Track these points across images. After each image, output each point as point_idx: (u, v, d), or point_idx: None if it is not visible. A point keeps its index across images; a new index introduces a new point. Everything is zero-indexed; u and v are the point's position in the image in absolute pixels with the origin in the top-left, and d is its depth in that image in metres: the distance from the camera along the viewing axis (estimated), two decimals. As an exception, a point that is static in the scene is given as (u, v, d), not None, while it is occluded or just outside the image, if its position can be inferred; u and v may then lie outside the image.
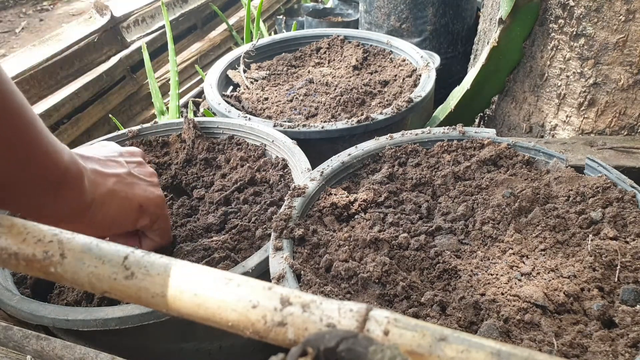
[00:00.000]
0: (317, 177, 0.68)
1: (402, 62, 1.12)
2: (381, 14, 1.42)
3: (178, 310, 0.30)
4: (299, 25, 1.78)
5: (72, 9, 3.48)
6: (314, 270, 0.56)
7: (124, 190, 0.57)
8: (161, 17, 1.49)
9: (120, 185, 0.56)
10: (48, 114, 1.16)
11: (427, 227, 0.61)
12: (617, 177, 0.62)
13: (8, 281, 0.64)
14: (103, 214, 0.54)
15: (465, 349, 0.24)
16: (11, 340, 0.52)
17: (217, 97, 1.01)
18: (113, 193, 0.55)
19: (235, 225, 0.70)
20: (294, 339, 0.26)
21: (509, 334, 0.48)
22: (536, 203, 0.62)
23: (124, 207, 0.57)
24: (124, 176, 0.58)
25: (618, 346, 0.46)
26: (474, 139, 0.74)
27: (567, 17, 0.83)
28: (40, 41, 1.22)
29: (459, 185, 0.67)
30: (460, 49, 1.44)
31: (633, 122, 0.83)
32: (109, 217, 0.55)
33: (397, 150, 0.74)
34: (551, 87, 0.90)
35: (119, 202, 0.56)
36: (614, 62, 0.81)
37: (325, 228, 0.63)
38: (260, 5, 1.59)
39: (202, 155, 0.85)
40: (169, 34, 1.31)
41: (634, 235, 0.56)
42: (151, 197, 0.60)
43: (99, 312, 0.56)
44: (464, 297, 0.52)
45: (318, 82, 1.08)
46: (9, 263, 0.33)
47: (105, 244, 0.33)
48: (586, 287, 0.52)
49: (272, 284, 0.28)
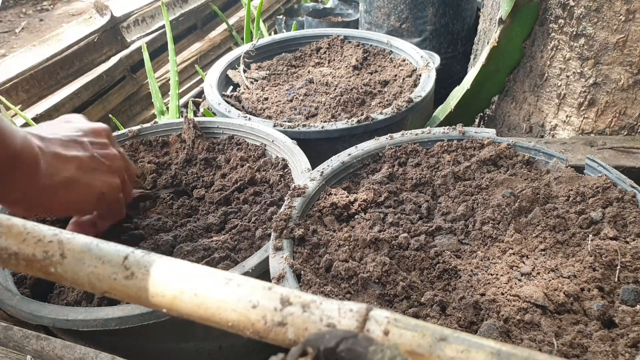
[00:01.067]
0: (317, 177, 0.68)
1: (402, 62, 1.12)
2: (381, 14, 1.42)
3: (178, 310, 0.30)
4: (299, 25, 1.78)
5: (72, 9, 3.48)
6: (314, 270, 0.56)
7: (84, 177, 0.55)
8: (161, 17, 1.49)
9: (80, 172, 0.54)
10: (48, 114, 1.16)
11: (427, 227, 0.61)
12: (617, 177, 0.62)
13: (8, 281, 0.64)
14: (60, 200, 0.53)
15: (465, 349, 0.24)
16: (11, 340, 0.52)
17: (217, 97, 1.01)
18: (73, 180, 0.53)
19: (235, 225, 0.70)
20: (294, 339, 0.26)
21: (509, 334, 0.48)
22: (536, 203, 0.62)
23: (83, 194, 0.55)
24: (86, 161, 0.56)
25: (618, 346, 0.46)
26: (474, 139, 0.74)
27: (567, 17, 0.83)
28: (40, 41, 1.22)
29: (459, 185, 0.67)
30: (460, 49, 1.44)
31: (633, 122, 0.83)
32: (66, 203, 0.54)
33: (397, 150, 0.74)
34: (551, 87, 0.90)
35: (78, 190, 0.54)
36: (614, 62, 0.81)
37: (325, 228, 0.63)
38: (260, 5, 1.59)
39: (202, 155, 0.85)
40: (169, 34, 1.31)
41: (634, 235, 0.56)
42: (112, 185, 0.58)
43: (99, 312, 0.56)
44: (464, 297, 0.52)
45: (318, 82, 1.08)
46: (9, 263, 0.33)
47: (106, 244, 0.33)
48: (586, 287, 0.52)
49: (272, 284, 0.28)
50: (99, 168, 0.57)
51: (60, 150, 0.53)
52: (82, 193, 0.55)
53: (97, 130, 0.60)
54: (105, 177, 0.58)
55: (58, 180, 0.52)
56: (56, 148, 0.53)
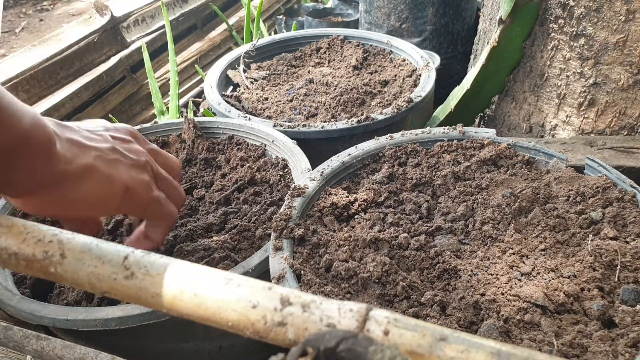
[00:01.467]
0: (317, 177, 0.68)
1: (402, 62, 1.12)
2: (381, 14, 1.42)
3: (178, 310, 0.30)
4: (299, 25, 1.78)
5: (72, 9, 3.48)
6: (314, 270, 0.56)
7: (106, 168, 0.49)
8: (161, 17, 1.49)
9: (101, 162, 0.49)
10: (48, 114, 1.16)
11: (427, 227, 0.61)
12: (617, 177, 0.62)
13: (8, 281, 0.64)
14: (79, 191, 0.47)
15: (465, 349, 0.24)
16: (11, 340, 0.52)
17: (217, 97, 1.01)
18: (93, 169, 0.48)
19: (235, 225, 0.70)
20: (294, 339, 0.26)
21: (509, 334, 0.48)
22: (536, 203, 0.62)
23: (105, 187, 0.49)
24: (106, 151, 0.50)
25: (618, 346, 0.46)
26: (474, 139, 0.74)
27: (567, 17, 0.83)
28: (40, 41, 1.22)
29: (459, 185, 0.67)
30: (460, 49, 1.44)
31: (633, 122, 0.83)
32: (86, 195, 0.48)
33: (397, 150, 0.74)
34: (551, 87, 0.90)
35: (99, 181, 0.48)
36: (614, 62, 0.81)
37: (325, 228, 0.63)
38: (260, 5, 1.59)
39: (202, 155, 0.85)
40: (169, 34, 1.31)
41: (634, 235, 0.56)
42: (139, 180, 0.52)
43: (99, 312, 0.56)
44: (464, 297, 0.52)
45: (318, 82, 1.08)
46: (9, 263, 0.33)
47: (106, 244, 0.33)
48: (586, 287, 0.52)
49: (272, 284, 0.28)
50: (122, 161, 0.52)
51: (77, 137, 0.48)
52: (104, 185, 0.49)
53: (119, 128, 0.56)
54: (131, 172, 0.52)
55: (76, 168, 0.46)
56: (73, 135, 0.48)
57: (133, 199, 0.52)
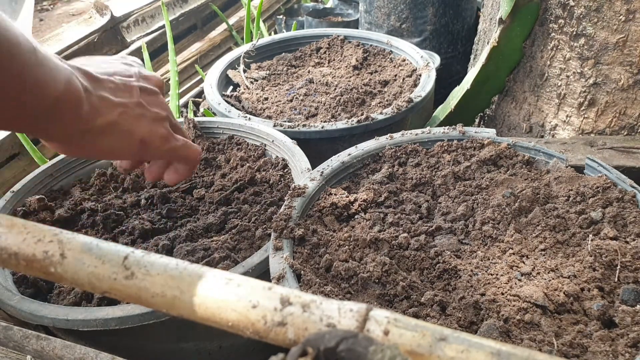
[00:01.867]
0: (317, 177, 0.68)
1: (402, 62, 1.12)
2: (381, 14, 1.42)
3: (178, 310, 0.30)
4: (299, 25, 1.78)
5: (72, 9, 3.48)
6: (314, 270, 0.56)
7: (127, 123, 0.55)
8: (161, 17, 1.49)
9: (123, 118, 0.55)
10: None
11: (427, 227, 0.61)
12: (617, 177, 0.62)
13: (8, 281, 0.64)
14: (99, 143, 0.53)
15: (465, 349, 0.24)
16: (11, 340, 0.53)
17: (217, 97, 1.01)
18: (115, 125, 0.54)
19: (235, 225, 0.70)
20: (294, 339, 0.26)
21: (509, 334, 0.48)
22: (536, 203, 0.62)
23: (122, 140, 0.55)
24: (131, 107, 0.56)
25: (618, 346, 0.46)
26: (474, 139, 0.74)
27: (567, 17, 0.83)
28: (41, 41, 1.22)
29: (459, 185, 0.67)
30: (460, 49, 1.44)
31: (633, 122, 0.83)
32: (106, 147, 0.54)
33: (397, 150, 0.74)
34: (551, 87, 0.90)
35: (118, 136, 0.54)
36: (614, 62, 0.81)
37: (325, 228, 0.63)
38: (260, 5, 1.59)
39: (202, 155, 0.85)
40: (169, 34, 1.31)
41: (634, 235, 0.56)
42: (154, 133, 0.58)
43: (99, 312, 0.56)
44: (464, 297, 0.52)
45: (318, 82, 1.08)
46: (9, 263, 0.33)
47: (106, 244, 0.33)
48: (586, 287, 0.52)
49: (272, 284, 0.28)
50: (144, 115, 0.57)
51: (108, 94, 0.53)
52: (122, 139, 0.55)
53: (149, 77, 0.61)
54: (150, 125, 0.57)
55: (100, 125, 0.52)
56: (104, 92, 0.53)
57: (150, 150, 0.58)
